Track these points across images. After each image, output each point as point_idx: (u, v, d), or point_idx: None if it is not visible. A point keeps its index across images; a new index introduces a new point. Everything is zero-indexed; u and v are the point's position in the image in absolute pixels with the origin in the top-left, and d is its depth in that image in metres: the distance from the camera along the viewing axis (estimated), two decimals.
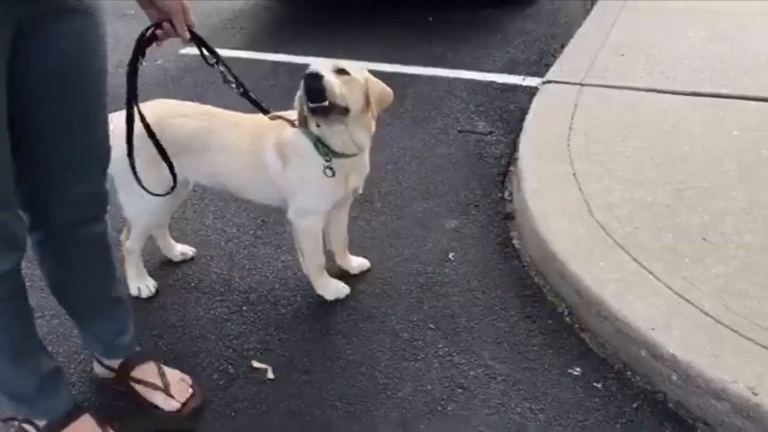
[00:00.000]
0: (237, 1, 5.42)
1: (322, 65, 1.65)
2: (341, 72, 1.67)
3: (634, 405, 1.64)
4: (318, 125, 1.73)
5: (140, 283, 2.03)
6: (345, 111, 1.67)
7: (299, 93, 1.70)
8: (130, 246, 2.00)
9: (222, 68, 1.62)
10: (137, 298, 2.02)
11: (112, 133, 1.45)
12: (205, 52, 1.58)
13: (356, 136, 1.75)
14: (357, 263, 2.14)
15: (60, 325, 1.93)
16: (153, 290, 2.05)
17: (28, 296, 1.43)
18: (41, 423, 1.51)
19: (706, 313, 1.71)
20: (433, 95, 3.48)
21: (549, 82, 3.22)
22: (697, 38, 3.61)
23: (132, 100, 1.52)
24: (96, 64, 1.34)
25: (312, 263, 1.97)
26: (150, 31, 1.44)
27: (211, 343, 1.87)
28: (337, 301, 2.01)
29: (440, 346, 1.84)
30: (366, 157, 1.88)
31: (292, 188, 1.85)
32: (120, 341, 1.67)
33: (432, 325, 1.92)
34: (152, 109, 1.72)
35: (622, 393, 1.68)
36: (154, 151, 1.60)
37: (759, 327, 1.66)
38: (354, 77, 1.69)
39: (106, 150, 1.45)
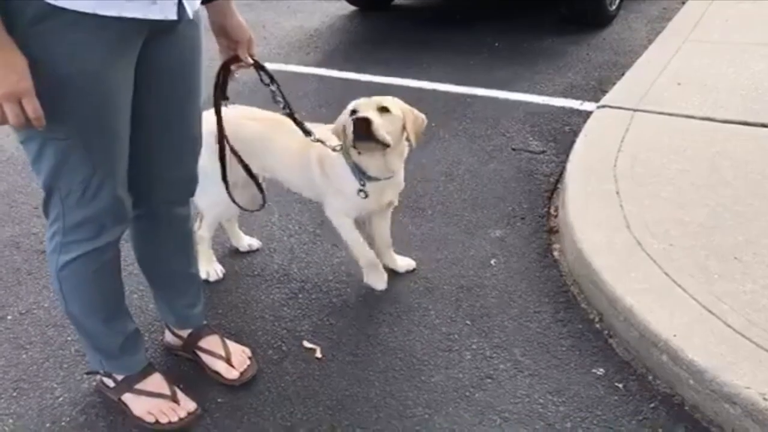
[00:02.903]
0: (313, 22, 5.75)
1: (365, 105, 1.88)
2: (383, 110, 1.89)
3: (652, 405, 1.75)
4: (359, 153, 1.93)
5: (209, 268, 2.27)
6: (386, 146, 1.89)
7: (343, 122, 1.92)
8: (201, 234, 2.24)
9: (273, 88, 1.81)
10: (206, 281, 2.24)
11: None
12: (262, 74, 1.78)
13: (391, 163, 1.99)
14: (404, 263, 2.32)
15: (138, 300, 2.18)
16: (220, 275, 2.29)
17: None
18: (119, 377, 1.74)
19: (729, 325, 1.81)
20: (491, 115, 3.65)
21: (604, 106, 3.33)
22: (757, 70, 3.64)
23: (221, 134, 1.79)
24: (200, 64, 1.58)
25: (356, 253, 2.18)
26: (221, 73, 1.71)
27: (268, 323, 2.08)
28: (383, 294, 2.19)
29: (474, 340, 2.00)
30: (401, 175, 2.11)
31: (328, 192, 2.09)
32: (190, 313, 1.90)
33: (468, 322, 2.07)
34: (229, 113, 1.96)
35: (641, 394, 1.79)
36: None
37: None
38: (394, 114, 1.90)
39: (199, 141, 1.69)
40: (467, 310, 2.12)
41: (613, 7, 5.27)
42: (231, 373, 1.85)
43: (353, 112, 1.90)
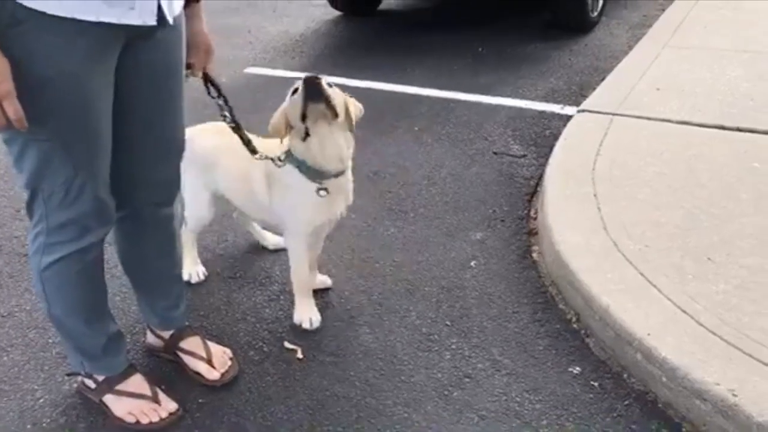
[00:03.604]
0: (299, 27, 5.78)
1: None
2: (329, 86, 1.81)
3: (626, 402, 1.79)
4: (305, 137, 1.81)
5: (191, 270, 2.28)
6: (334, 114, 1.78)
7: (291, 100, 1.81)
8: (185, 237, 2.26)
9: (221, 102, 1.76)
10: (188, 283, 2.26)
11: None
12: (210, 87, 1.76)
13: (341, 147, 1.85)
14: (319, 280, 2.26)
15: (120, 302, 2.19)
16: (202, 277, 2.30)
17: None
18: (100, 378, 1.75)
19: (701, 324, 1.85)
20: (473, 120, 3.69)
21: (583, 111, 3.38)
22: (734, 76, 3.71)
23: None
24: (181, 67, 1.60)
25: (300, 280, 2.09)
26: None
27: (250, 325, 2.10)
28: (364, 296, 2.22)
29: (453, 341, 2.02)
30: (350, 185, 1.99)
31: (283, 212, 1.99)
32: (173, 315, 1.91)
33: (448, 323, 2.10)
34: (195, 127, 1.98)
35: (616, 392, 1.83)
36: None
37: (748, 337, 1.78)
38: (335, 90, 1.83)
39: (182, 143, 1.71)
40: (447, 311, 2.15)
41: (595, 14, 5.33)
42: (212, 374, 1.87)
43: (295, 90, 1.81)
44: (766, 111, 3.20)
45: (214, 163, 2.08)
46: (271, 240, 2.49)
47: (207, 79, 1.75)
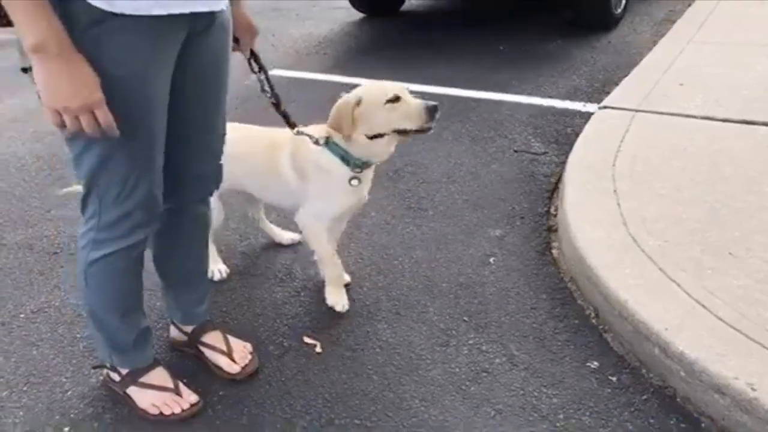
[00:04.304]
0: (322, 29, 5.83)
1: (400, 90, 1.91)
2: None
3: (644, 397, 1.78)
4: (373, 137, 1.91)
5: (213, 267, 2.33)
6: None
7: (390, 108, 1.88)
8: None
9: (261, 77, 1.85)
10: (210, 280, 2.30)
11: None
12: (252, 62, 1.85)
13: (393, 145, 1.98)
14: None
15: (147, 298, 2.24)
16: (224, 275, 2.35)
17: None
18: (124, 371, 1.79)
19: (720, 318, 1.84)
20: (494, 118, 3.69)
21: (605, 107, 3.37)
22: (760, 70, 3.66)
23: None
24: (227, 65, 1.64)
25: (328, 265, 2.14)
26: None
27: (270, 320, 2.13)
28: (382, 292, 2.24)
29: (471, 336, 2.04)
30: (372, 173, 2.07)
31: (307, 196, 2.05)
32: (197, 310, 1.96)
33: (466, 318, 2.11)
34: None
35: (634, 386, 1.82)
36: None
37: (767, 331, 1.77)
38: None
39: (224, 137, 1.76)
40: (465, 307, 2.16)
41: (619, 10, 5.31)
42: (232, 368, 1.90)
43: (397, 98, 1.88)
44: None
45: (228, 155, 2.11)
46: (285, 236, 2.54)
47: (252, 56, 1.81)
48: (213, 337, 1.96)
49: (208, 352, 1.95)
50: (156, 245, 1.85)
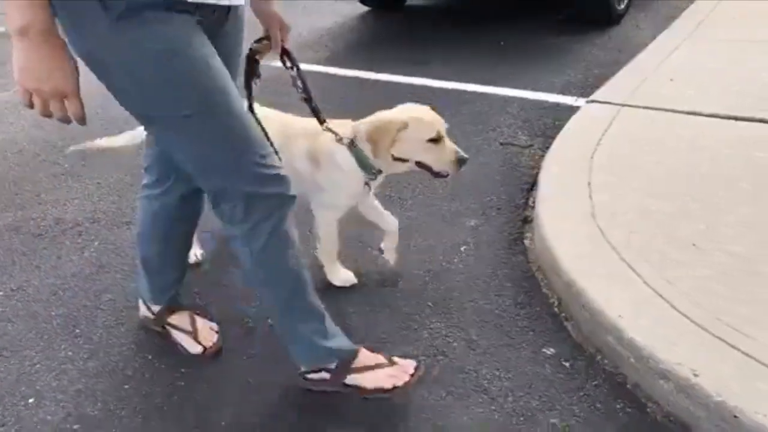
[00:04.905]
0: (326, 22, 5.88)
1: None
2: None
3: (595, 383, 1.81)
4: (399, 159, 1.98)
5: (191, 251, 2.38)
6: None
7: (428, 148, 1.95)
8: None
9: (294, 73, 1.85)
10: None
11: None
12: (286, 59, 1.84)
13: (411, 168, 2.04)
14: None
15: (122, 279, 2.31)
16: (200, 257, 2.40)
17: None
18: (333, 365, 1.75)
19: (674, 308, 1.86)
20: (486, 111, 3.72)
21: (593, 101, 3.38)
22: (753, 67, 3.64)
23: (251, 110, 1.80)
24: (239, 58, 1.66)
25: (326, 250, 2.21)
26: (250, 50, 1.75)
27: (239, 303, 2.18)
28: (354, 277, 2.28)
29: (434, 321, 2.07)
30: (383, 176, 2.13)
31: (319, 187, 2.09)
32: (171, 291, 2.00)
33: (431, 304, 2.15)
34: None
35: (586, 372, 1.85)
36: None
37: (720, 321, 1.78)
38: None
39: None
40: (431, 293, 2.20)
41: (622, 6, 5.30)
42: (196, 348, 1.96)
43: (438, 138, 1.94)
44: None
45: None
46: None
47: (284, 52, 1.82)
48: (180, 318, 2.02)
49: (174, 332, 2.00)
50: (153, 225, 1.88)
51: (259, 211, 1.53)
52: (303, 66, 1.82)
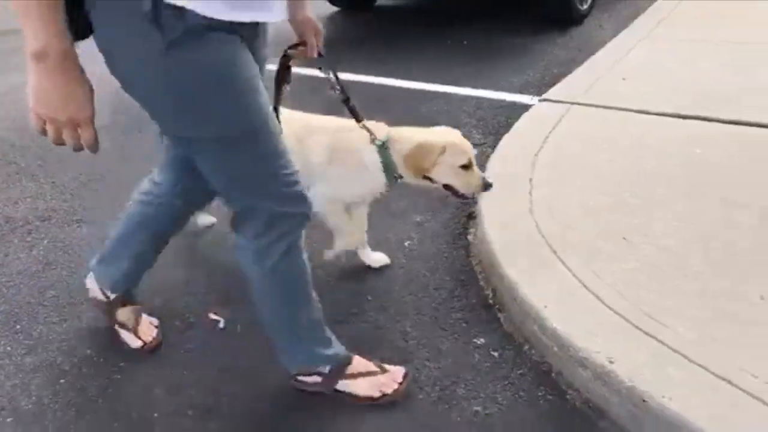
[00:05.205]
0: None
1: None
2: None
3: (520, 371, 1.86)
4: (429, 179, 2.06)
5: None
6: None
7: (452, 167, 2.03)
8: None
9: (331, 76, 1.86)
10: None
11: None
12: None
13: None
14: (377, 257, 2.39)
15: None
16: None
17: None
18: (326, 369, 1.77)
19: (599, 299, 1.91)
20: (444, 110, 3.77)
21: (545, 100, 3.44)
22: (703, 67, 3.72)
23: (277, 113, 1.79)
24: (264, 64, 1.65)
25: (347, 234, 2.23)
26: (285, 56, 1.76)
27: (183, 298, 2.22)
28: None
29: (371, 314, 2.12)
30: None
31: (322, 178, 2.09)
32: (128, 285, 2.02)
33: (370, 297, 2.19)
34: None
35: (513, 361, 1.90)
36: None
37: (641, 311, 1.84)
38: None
39: None
40: (371, 286, 2.25)
41: (585, 6, 5.37)
42: (135, 342, 1.99)
43: (469, 165, 2.03)
44: (727, 100, 3.22)
45: None
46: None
47: (320, 57, 1.83)
48: (124, 313, 2.05)
49: (117, 328, 2.03)
50: (137, 224, 1.88)
51: (280, 229, 1.55)
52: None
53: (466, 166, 2.03)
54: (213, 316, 2.12)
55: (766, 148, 2.75)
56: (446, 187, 2.07)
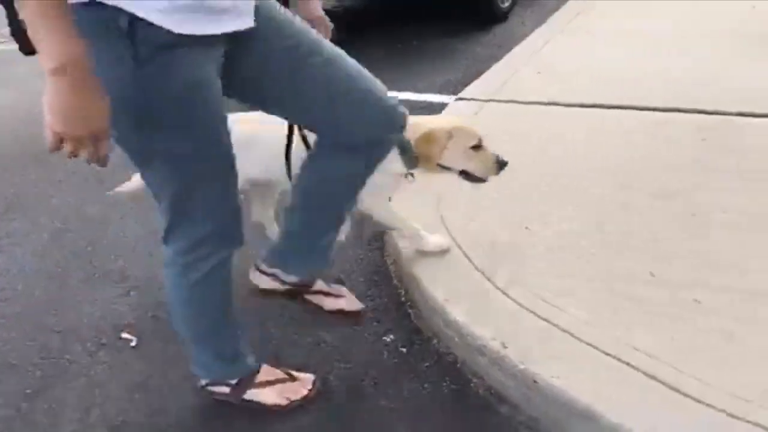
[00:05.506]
0: None
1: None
2: None
3: (427, 365, 1.91)
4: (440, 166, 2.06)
5: None
6: None
7: (477, 157, 2.05)
8: None
9: None
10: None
11: None
12: None
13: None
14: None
15: None
16: None
17: None
18: (233, 381, 1.80)
19: (498, 287, 1.97)
20: None
21: (461, 99, 3.52)
22: (611, 57, 3.86)
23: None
24: (285, 19, 1.58)
25: (405, 226, 2.19)
26: None
27: (95, 319, 2.22)
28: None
29: (285, 322, 2.14)
30: None
31: None
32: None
33: (282, 305, 2.20)
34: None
35: (421, 356, 1.95)
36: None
37: (536, 296, 1.91)
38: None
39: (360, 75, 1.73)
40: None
41: (507, 4, 5.48)
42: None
43: (479, 145, 2.04)
44: (633, 88, 3.34)
45: (248, 147, 1.97)
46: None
47: None
48: None
49: None
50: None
51: (210, 246, 1.56)
52: None
53: (477, 147, 2.04)
54: (126, 335, 2.13)
55: (666, 131, 2.87)
56: (462, 173, 2.07)
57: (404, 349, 1.98)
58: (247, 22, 1.40)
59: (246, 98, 1.60)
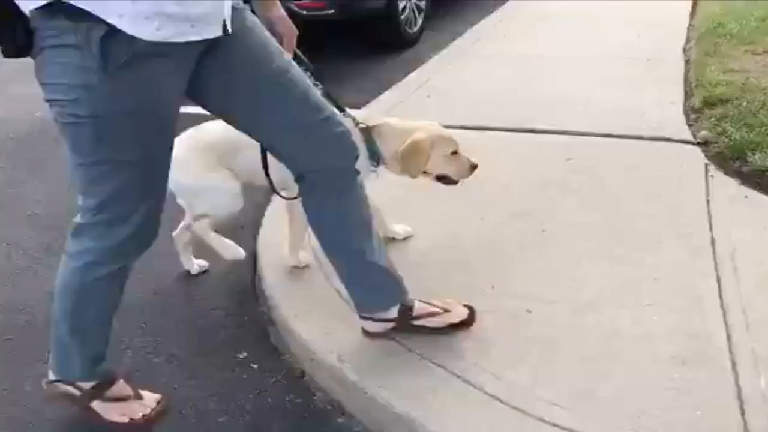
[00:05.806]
0: None
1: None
2: None
3: (274, 380, 1.95)
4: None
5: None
6: None
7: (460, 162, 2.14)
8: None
9: (308, 74, 1.80)
10: None
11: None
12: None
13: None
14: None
15: None
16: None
17: None
18: (88, 386, 1.79)
19: (345, 300, 2.02)
20: None
21: None
22: (503, 80, 4.02)
23: None
24: (263, 38, 1.64)
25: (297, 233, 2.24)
26: None
27: None
28: None
29: (140, 340, 2.14)
30: None
31: None
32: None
33: (143, 325, 2.21)
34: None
35: (271, 372, 1.98)
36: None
37: None
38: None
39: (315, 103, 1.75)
40: (149, 315, 2.27)
41: (415, 29, 5.61)
42: None
43: (456, 152, 2.13)
44: (513, 109, 3.49)
45: (236, 150, 2.09)
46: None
47: (296, 56, 1.82)
48: None
49: None
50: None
51: (128, 247, 1.60)
52: None
53: (455, 152, 2.13)
54: None
55: (537, 152, 3.01)
56: (439, 177, 2.16)
57: (255, 366, 2.01)
58: (215, 32, 1.45)
59: (212, 110, 1.68)
